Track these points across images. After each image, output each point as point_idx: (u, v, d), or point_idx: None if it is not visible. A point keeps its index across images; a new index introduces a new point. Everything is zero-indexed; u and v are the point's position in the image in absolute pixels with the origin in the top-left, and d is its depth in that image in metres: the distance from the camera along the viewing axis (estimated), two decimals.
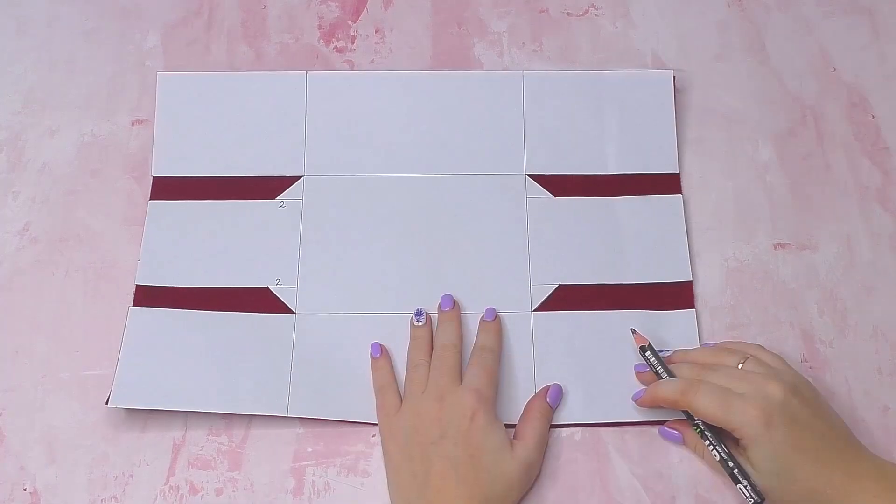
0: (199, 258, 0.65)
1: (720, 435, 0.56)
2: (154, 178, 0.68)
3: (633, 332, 0.61)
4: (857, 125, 0.70)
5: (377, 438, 0.59)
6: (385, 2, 0.76)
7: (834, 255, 0.65)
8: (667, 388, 0.57)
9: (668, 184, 0.67)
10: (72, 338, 0.63)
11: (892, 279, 0.64)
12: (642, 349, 0.60)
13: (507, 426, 0.58)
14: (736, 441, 0.55)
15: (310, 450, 0.60)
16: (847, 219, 0.67)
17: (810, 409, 0.54)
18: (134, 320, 0.62)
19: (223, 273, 0.64)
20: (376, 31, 0.75)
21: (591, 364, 0.61)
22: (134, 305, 0.63)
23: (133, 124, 0.70)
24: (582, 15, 0.75)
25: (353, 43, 0.74)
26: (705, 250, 0.65)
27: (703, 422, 0.56)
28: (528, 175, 0.67)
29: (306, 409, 0.60)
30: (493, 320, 0.62)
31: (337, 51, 0.74)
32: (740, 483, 0.54)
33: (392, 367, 0.61)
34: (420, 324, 0.62)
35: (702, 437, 0.56)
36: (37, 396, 0.61)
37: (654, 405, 0.58)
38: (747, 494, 0.54)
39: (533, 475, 0.57)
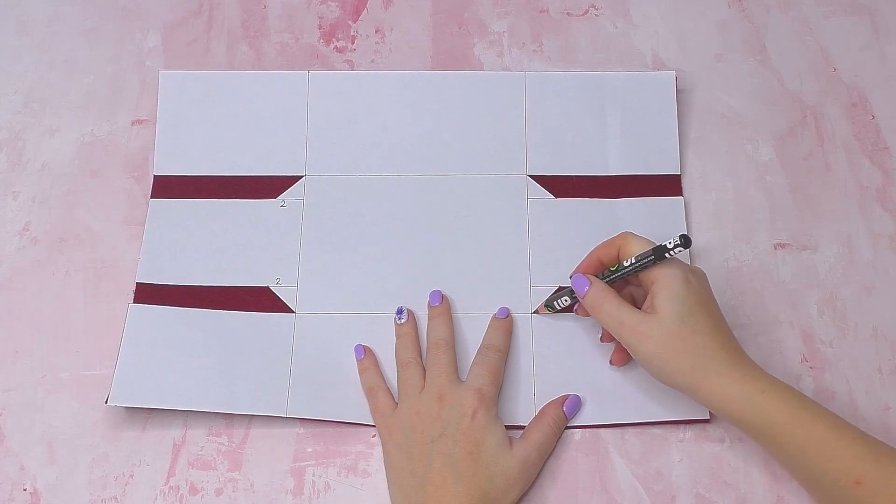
0: (200, 257, 0.65)
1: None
2: (155, 176, 0.68)
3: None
4: (857, 125, 0.70)
5: (377, 439, 0.59)
6: (385, 2, 0.76)
7: (834, 255, 0.65)
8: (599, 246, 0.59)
9: (669, 185, 0.67)
10: (72, 338, 0.63)
11: (892, 279, 0.65)
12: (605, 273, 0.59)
13: (508, 427, 0.58)
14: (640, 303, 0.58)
15: (310, 450, 0.60)
16: (847, 219, 0.67)
17: (715, 301, 0.56)
18: (133, 317, 0.62)
19: (223, 272, 0.64)
20: (376, 31, 0.75)
21: (591, 366, 0.61)
22: (134, 303, 0.63)
23: (133, 124, 0.70)
24: (582, 15, 0.75)
25: (353, 43, 0.74)
26: (705, 250, 0.65)
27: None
28: (529, 176, 0.67)
29: (305, 410, 0.60)
30: (505, 318, 0.62)
31: (337, 51, 0.74)
32: (664, 243, 0.55)
33: (378, 367, 0.61)
34: (403, 321, 0.62)
35: (618, 269, 0.57)
36: (37, 396, 0.61)
37: (590, 264, 0.59)
38: (672, 242, 0.54)
39: (532, 476, 0.57)
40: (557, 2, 0.76)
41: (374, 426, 0.60)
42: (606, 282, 0.58)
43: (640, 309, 0.56)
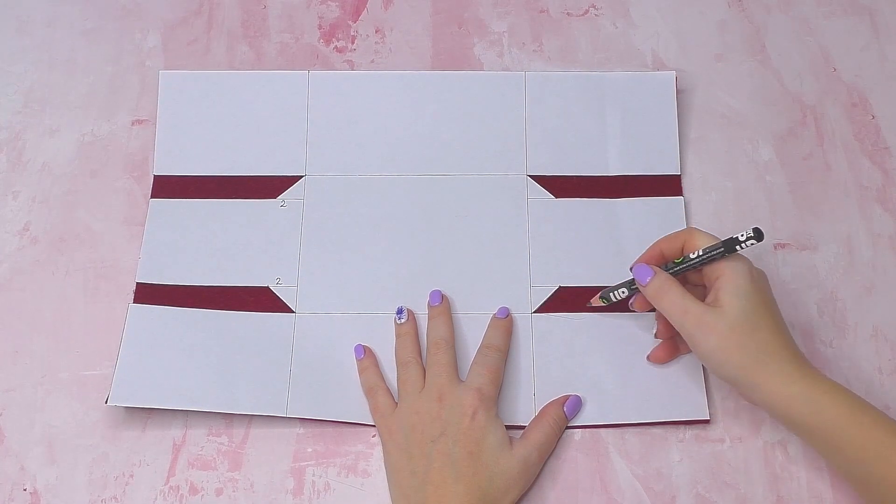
0: (200, 257, 0.65)
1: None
2: (155, 176, 0.68)
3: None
4: (857, 125, 0.70)
5: (377, 439, 0.59)
6: (385, 2, 0.76)
7: (834, 255, 0.65)
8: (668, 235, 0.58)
9: (669, 185, 0.67)
10: (72, 338, 0.63)
11: (892, 279, 0.65)
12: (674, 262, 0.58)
13: (508, 427, 0.58)
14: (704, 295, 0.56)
15: (310, 450, 0.60)
16: (847, 219, 0.67)
17: (775, 302, 0.56)
18: (133, 317, 0.62)
19: (223, 272, 0.64)
20: (376, 31, 0.75)
21: (591, 366, 0.61)
22: (134, 303, 0.63)
23: (133, 124, 0.70)
24: (582, 15, 0.75)
25: (353, 43, 0.74)
26: None
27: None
28: (529, 176, 0.67)
29: (305, 410, 0.60)
30: (504, 318, 0.62)
31: (337, 51, 0.74)
32: (735, 236, 0.54)
33: (378, 366, 0.61)
34: (403, 321, 0.62)
35: (683, 260, 0.56)
36: (37, 396, 0.61)
37: (652, 255, 0.58)
38: (744, 235, 0.54)
39: (532, 476, 0.57)
40: (557, 2, 0.76)
41: (374, 426, 0.60)
42: (671, 273, 0.57)
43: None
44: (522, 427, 0.59)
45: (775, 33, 0.74)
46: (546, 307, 0.63)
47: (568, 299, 0.63)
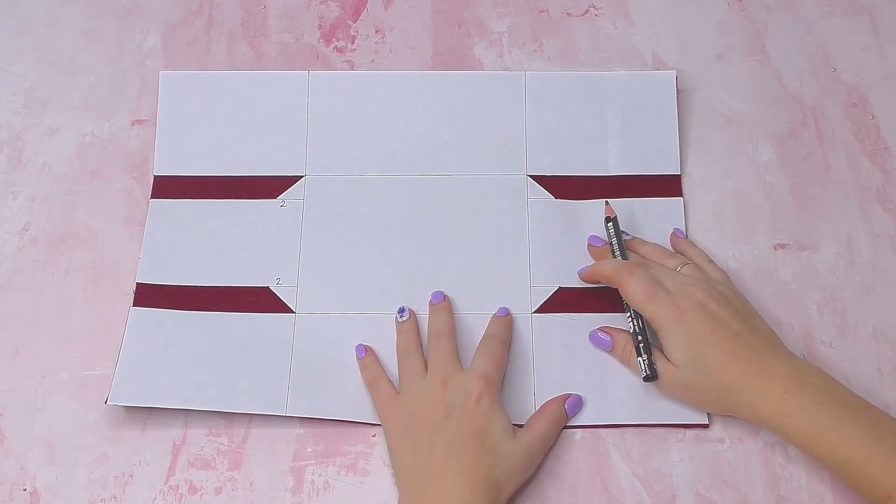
0: (200, 257, 0.65)
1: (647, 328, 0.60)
2: (155, 176, 0.68)
3: (606, 202, 0.64)
4: (857, 125, 0.70)
5: (377, 438, 0.59)
6: (385, 2, 0.76)
7: (834, 255, 0.65)
8: (607, 266, 0.61)
9: (669, 186, 0.67)
10: (72, 338, 0.63)
11: (892, 279, 0.64)
12: (607, 220, 0.63)
13: None
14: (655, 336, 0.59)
15: (310, 449, 0.60)
16: (847, 219, 0.67)
17: (729, 311, 0.57)
18: (134, 321, 0.62)
19: (224, 272, 0.64)
20: (376, 31, 0.75)
21: (591, 366, 0.61)
22: (134, 304, 0.63)
23: (133, 124, 0.71)
24: (582, 15, 0.75)
25: (353, 43, 0.74)
26: (705, 250, 0.65)
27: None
28: (530, 176, 0.67)
29: (305, 409, 0.60)
30: (504, 315, 0.62)
31: (337, 51, 0.74)
32: (640, 356, 0.58)
33: (379, 362, 0.61)
34: (404, 319, 0.62)
35: (625, 309, 0.60)
36: (37, 396, 0.61)
37: (592, 279, 0.62)
38: (642, 367, 0.58)
39: (533, 465, 0.57)
40: (557, 2, 0.76)
41: (374, 425, 0.60)
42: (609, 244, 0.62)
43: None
44: (522, 426, 0.59)
45: (775, 33, 0.74)
46: (546, 307, 0.63)
47: (568, 299, 0.63)
